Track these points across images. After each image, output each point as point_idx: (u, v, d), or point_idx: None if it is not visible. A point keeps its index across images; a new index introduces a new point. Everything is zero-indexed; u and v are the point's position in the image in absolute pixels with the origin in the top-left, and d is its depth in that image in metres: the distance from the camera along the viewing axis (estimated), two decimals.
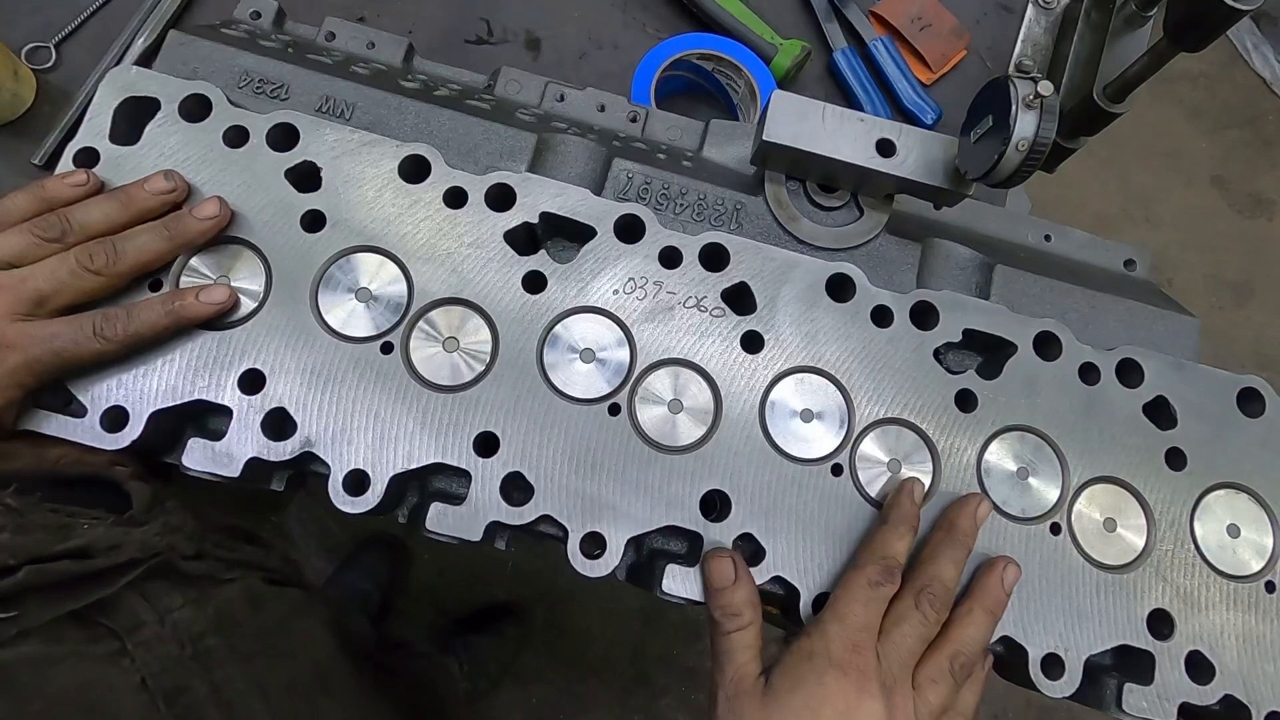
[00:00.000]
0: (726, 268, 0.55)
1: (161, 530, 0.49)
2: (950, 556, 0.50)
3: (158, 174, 0.52)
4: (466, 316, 0.54)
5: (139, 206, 0.51)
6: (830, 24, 0.85)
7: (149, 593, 0.48)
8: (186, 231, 0.51)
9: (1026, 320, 0.57)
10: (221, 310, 0.51)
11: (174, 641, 0.48)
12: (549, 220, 0.56)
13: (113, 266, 0.49)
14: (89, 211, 0.50)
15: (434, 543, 0.51)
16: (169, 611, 0.48)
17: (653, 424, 0.53)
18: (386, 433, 0.51)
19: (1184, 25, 0.52)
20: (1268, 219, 2.17)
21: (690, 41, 0.79)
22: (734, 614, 0.48)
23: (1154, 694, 0.52)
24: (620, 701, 1.66)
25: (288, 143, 0.55)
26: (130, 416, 0.49)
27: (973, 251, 0.62)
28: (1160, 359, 0.57)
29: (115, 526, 0.47)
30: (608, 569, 0.50)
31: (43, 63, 0.76)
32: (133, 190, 0.52)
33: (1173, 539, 0.55)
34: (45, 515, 0.46)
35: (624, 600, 1.69)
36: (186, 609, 0.49)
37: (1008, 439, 0.55)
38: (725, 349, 0.55)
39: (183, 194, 0.53)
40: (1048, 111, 0.49)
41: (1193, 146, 2.19)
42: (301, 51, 0.65)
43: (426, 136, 0.60)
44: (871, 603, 0.48)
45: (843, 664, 0.46)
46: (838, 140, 0.56)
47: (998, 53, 0.88)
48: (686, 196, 0.61)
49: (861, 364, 0.55)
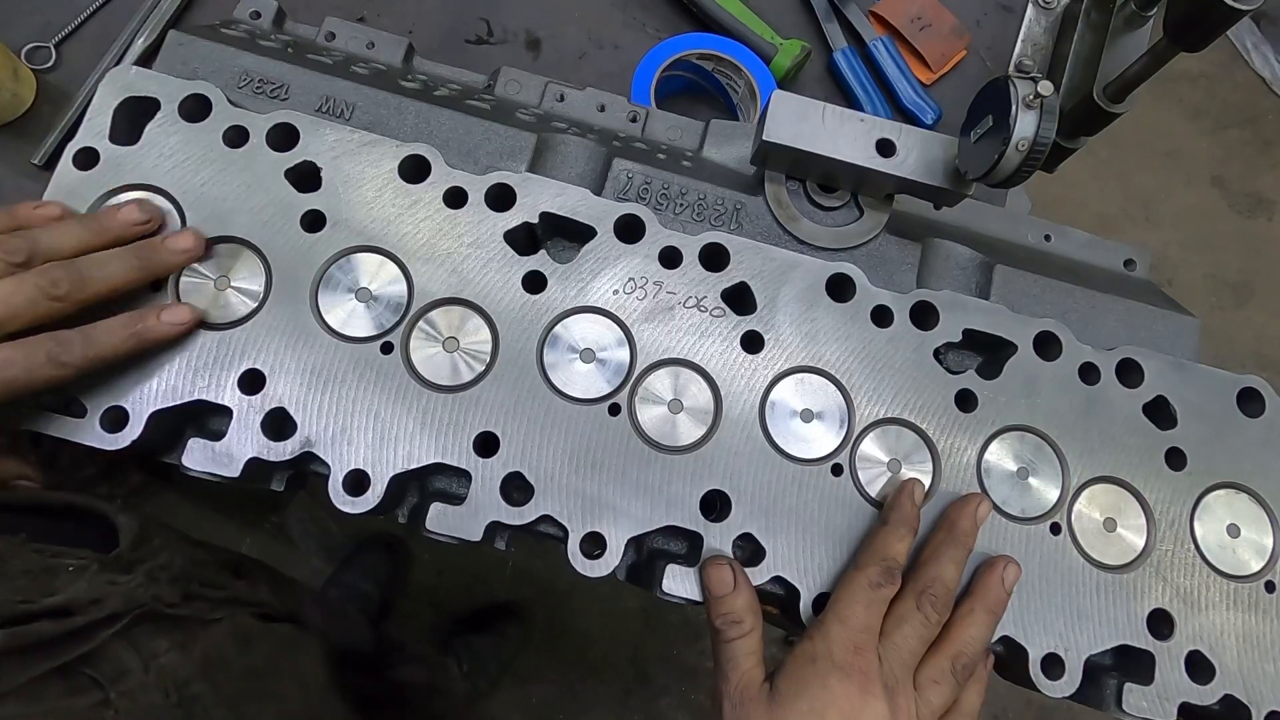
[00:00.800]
0: (726, 268, 0.55)
1: (145, 579, 0.48)
2: (951, 557, 0.50)
3: (131, 204, 0.51)
4: (466, 316, 0.54)
5: (112, 234, 0.49)
6: (830, 24, 0.85)
7: (134, 638, 0.47)
8: (159, 262, 0.49)
9: (1026, 320, 0.57)
10: (186, 330, 0.49)
11: (158, 689, 0.47)
12: (549, 220, 0.56)
13: (76, 293, 0.46)
14: (58, 236, 0.48)
15: (434, 543, 0.51)
16: (154, 657, 0.47)
17: (653, 424, 0.53)
18: (386, 433, 0.51)
19: (1184, 25, 0.52)
20: (1268, 219, 2.17)
21: (690, 41, 0.79)
22: (735, 621, 0.48)
23: (1154, 694, 0.52)
24: (620, 701, 1.66)
25: (288, 143, 0.55)
26: (130, 416, 0.49)
27: (973, 251, 0.62)
28: (1160, 359, 0.57)
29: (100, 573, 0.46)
30: (608, 569, 0.50)
31: (43, 63, 0.76)
32: (105, 217, 0.50)
33: (1173, 539, 0.55)
34: (29, 558, 0.45)
35: (624, 600, 1.69)
36: (172, 653, 0.48)
37: (1008, 439, 0.55)
38: (725, 349, 0.55)
39: (156, 224, 0.51)
40: (1048, 111, 0.49)
41: (1193, 146, 2.20)
42: (301, 51, 0.65)
43: (426, 136, 0.60)
44: (873, 604, 0.48)
45: (846, 666, 0.46)
46: (838, 140, 0.56)
47: (998, 53, 0.88)
48: (686, 196, 0.61)
49: (861, 364, 0.55)
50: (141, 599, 0.48)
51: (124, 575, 0.48)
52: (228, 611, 0.54)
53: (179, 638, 0.50)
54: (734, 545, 0.52)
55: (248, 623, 0.56)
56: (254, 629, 0.56)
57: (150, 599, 0.48)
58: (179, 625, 0.50)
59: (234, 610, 0.55)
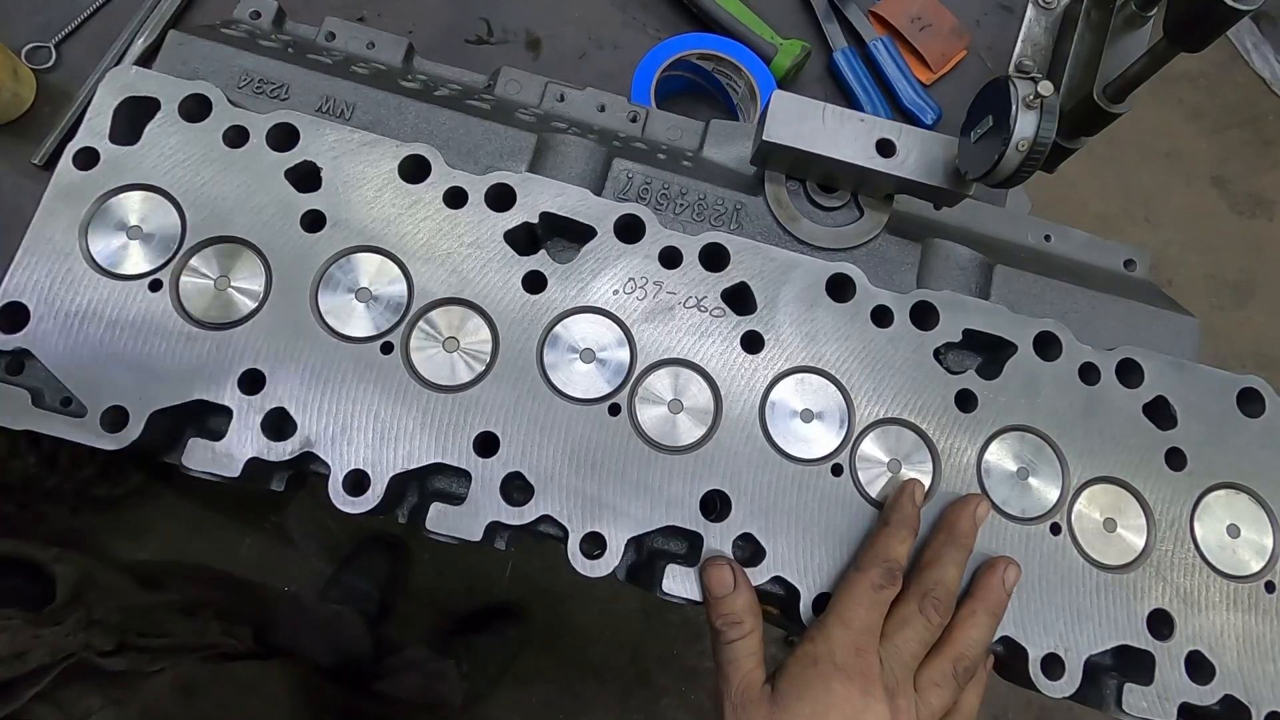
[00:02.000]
0: (726, 268, 0.55)
1: (74, 627, 0.46)
2: (952, 559, 0.50)
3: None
4: (466, 316, 0.54)
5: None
6: (830, 24, 0.85)
7: (63, 700, 0.45)
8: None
9: (1026, 320, 0.57)
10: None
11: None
12: (549, 220, 0.56)
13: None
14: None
15: (434, 543, 0.51)
16: (87, 716, 0.46)
17: (653, 424, 0.53)
18: (386, 433, 0.51)
19: (1184, 25, 0.52)
20: (1268, 219, 2.17)
21: (690, 41, 0.79)
22: (735, 622, 0.48)
23: (1154, 694, 0.52)
24: (620, 701, 1.66)
25: (288, 143, 0.55)
26: (130, 416, 0.49)
27: (973, 251, 0.62)
28: (1160, 359, 0.57)
29: (25, 627, 0.44)
30: (608, 569, 0.50)
31: (43, 63, 0.76)
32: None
33: (1173, 539, 0.55)
34: None
35: (624, 600, 1.69)
36: (106, 710, 0.46)
37: (1008, 439, 0.55)
38: (725, 349, 0.54)
39: None
40: (1048, 111, 0.49)
41: (1193, 146, 2.19)
42: (301, 51, 0.65)
43: (426, 136, 0.60)
44: (875, 606, 0.48)
45: (848, 668, 0.46)
46: (838, 140, 0.56)
47: (998, 53, 0.88)
48: (686, 196, 0.61)
49: (861, 364, 0.55)
50: (70, 648, 0.46)
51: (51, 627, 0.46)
52: (171, 660, 0.52)
53: (115, 694, 0.47)
54: (734, 545, 0.52)
55: (193, 670, 0.53)
56: (200, 676, 0.54)
57: (80, 647, 0.46)
58: (113, 681, 0.48)
59: (179, 658, 0.53)
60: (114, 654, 0.49)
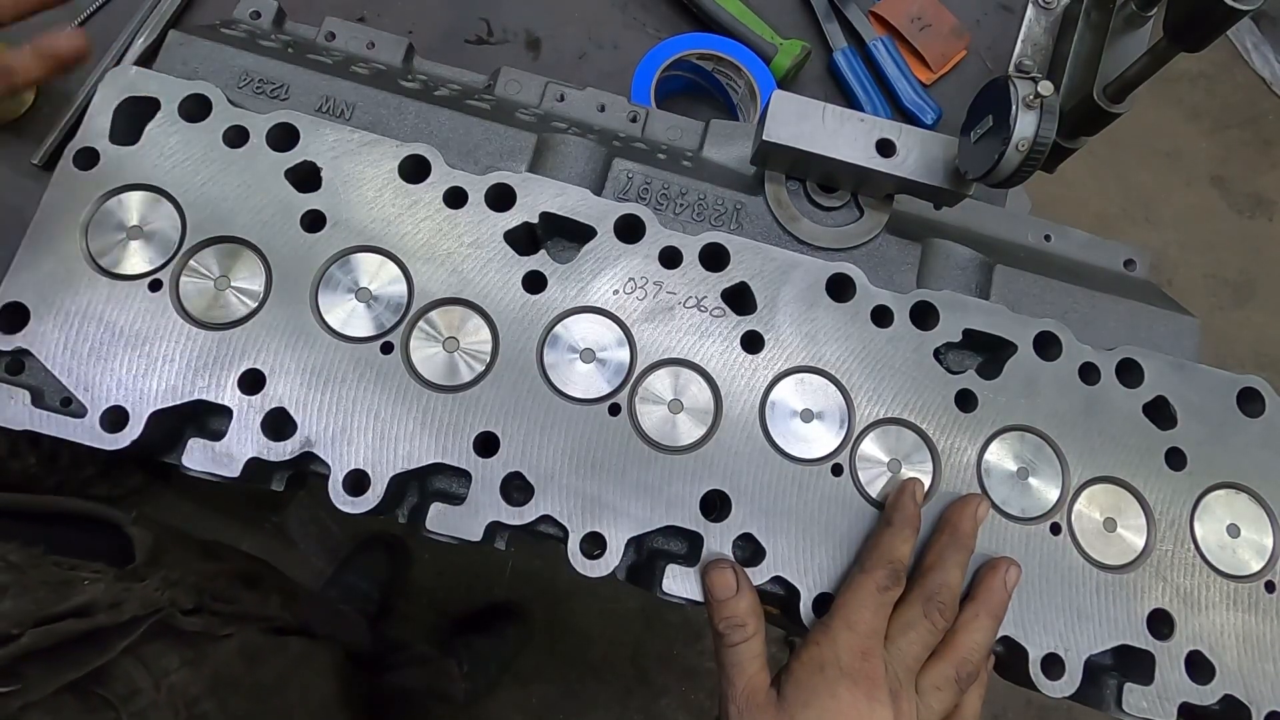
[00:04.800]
0: (726, 268, 0.55)
1: (161, 584, 0.48)
2: (955, 561, 0.50)
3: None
4: (466, 316, 0.54)
5: None
6: (830, 24, 0.85)
7: (146, 656, 0.47)
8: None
9: (1026, 320, 0.57)
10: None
11: (169, 707, 0.47)
12: (549, 220, 0.56)
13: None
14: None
15: (434, 543, 0.51)
16: (165, 675, 0.48)
17: (653, 424, 0.53)
18: (386, 433, 0.51)
19: (1184, 25, 0.52)
20: (1268, 219, 2.17)
21: (690, 41, 0.79)
22: (738, 625, 0.48)
23: (1154, 694, 0.52)
24: (620, 701, 1.66)
25: (288, 143, 0.55)
26: (130, 416, 0.49)
27: (973, 251, 0.62)
28: (1160, 359, 0.57)
29: (117, 582, 0.47)
30: (608, 569, 0.50)
31: None
32: None
33: (1173, 539, 0.55)
34: (48, 570, 0.46)
35: (624, 600, 1.69)
36: (183, 671, 0.49)
37: (1008, 439, 0.55)
38: (725, 349, 0.54)
39: None
40: (1048, 111, 0.49)
41: (1193, 146, 2.20)
42: (301, 51, 0.65)
43: (426, 136, 0.60)
44: (880, 608, 0.48)
45: (853, 673, 0.46)
46: (838, 140, 0.56)
47: (998, 53, 0.88)
48: (686, 196, 0.61)
49: (861, 364, 0.55)
50: (159, 603, 0.48)
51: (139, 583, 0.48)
52: (238, 627, 0.54)
53: (189, 655, 0.50)
54: (734, 545, 0.52)
55: (257, 639, 0.56)
56: (263, 646, 0.56)
57: (167, 603, 0.48)
58: (190, 642, 0.50)
59: (244, 626, 0.55)
60: (194, 613, 0.51)
